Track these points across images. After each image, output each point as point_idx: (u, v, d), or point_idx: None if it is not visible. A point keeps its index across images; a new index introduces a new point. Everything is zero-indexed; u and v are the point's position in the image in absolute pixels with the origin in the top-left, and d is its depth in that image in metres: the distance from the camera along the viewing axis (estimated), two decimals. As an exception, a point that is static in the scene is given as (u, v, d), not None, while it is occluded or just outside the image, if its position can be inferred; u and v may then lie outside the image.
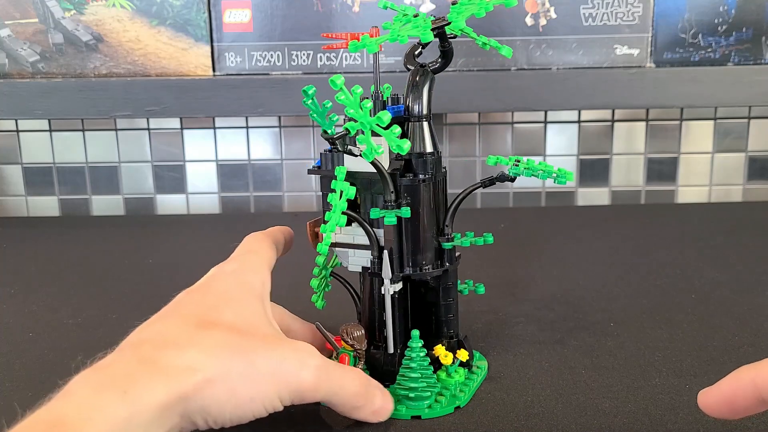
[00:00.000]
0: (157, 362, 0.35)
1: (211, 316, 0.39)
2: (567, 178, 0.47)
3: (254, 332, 0.39)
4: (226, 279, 0.43)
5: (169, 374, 0.34)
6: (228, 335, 0.38)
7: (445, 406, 0.46)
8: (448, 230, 0.49)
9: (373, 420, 0.43)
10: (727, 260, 0.74)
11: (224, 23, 0.86)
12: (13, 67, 0.87)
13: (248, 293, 0.42)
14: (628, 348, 0.54)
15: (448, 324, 0.50)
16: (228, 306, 0.40)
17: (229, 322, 0.39)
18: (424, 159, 0.47)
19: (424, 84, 0.48)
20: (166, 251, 0.83)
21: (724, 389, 0.35)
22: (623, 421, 0.44)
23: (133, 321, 0.39)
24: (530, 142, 0.99)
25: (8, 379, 0.51)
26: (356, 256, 0.48)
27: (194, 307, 0.40)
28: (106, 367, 0.35)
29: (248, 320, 0.40)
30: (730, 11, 0.85)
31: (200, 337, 0.37)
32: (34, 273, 0.75)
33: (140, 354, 0.35)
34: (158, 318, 0.40)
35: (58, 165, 1.00)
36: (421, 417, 0.45)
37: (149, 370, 0.34)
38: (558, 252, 0.78)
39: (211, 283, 0.43)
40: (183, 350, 0.36)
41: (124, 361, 0.35)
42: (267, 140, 0.99)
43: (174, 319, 0.39)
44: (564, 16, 0.85)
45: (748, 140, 0.99)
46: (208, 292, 0.42)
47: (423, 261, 0.48)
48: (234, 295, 0.41)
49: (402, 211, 0.46)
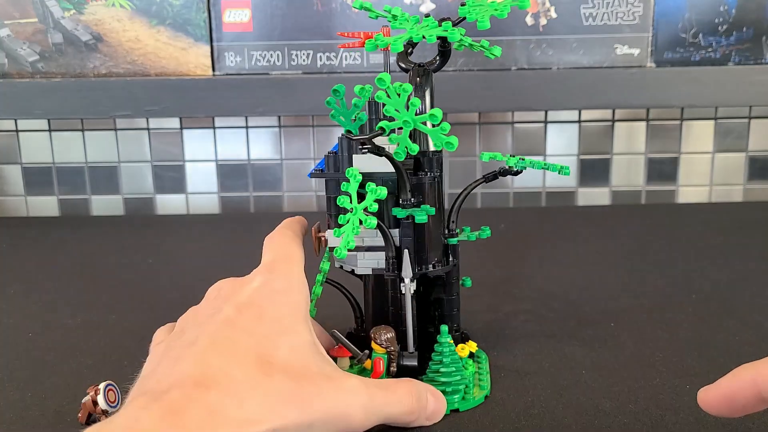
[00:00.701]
0: (224, 414, 0.35)
1: (268, 354, 0.40)
2: (566, 171, 0.49)
3: (307, 373, 0.40)
4: (275, 299, 0.43)
5: (234, 427, 0.35)
6: (285, 383, 0.38)
7: (476, 397, 0.47)
8: (453, 226, 0.50)
9: (428, 424, 0.44)
10: (727, 260, 0.74)
11: (224, 23, 0.86)
12: (13, 67, 0.87)
13: (298, 318, 0.43)
14: (628, 348, 0.54)
15: (452, 319, 0.51)
16: (282, 337, 0.41)
17: (285, 361, 0.40)
18: (429, 158, 0.48)
19: (426, 84, 0.48)
20: (166, 251, 0.83)
21: (724, 387, 0.35)
22: (623, 421, 0.44)
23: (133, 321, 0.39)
24: (530, 142, 0.99)
25: (8, 379, 0.51)
26: (366, 259, 0.48)
27: (251, 338, 0.40)
28: (173, 412, 0.35)
29: (301, 356, 0.41)
30: (731, 11, 0.85)
31: (261, 387, 0.38)
32: (34, 273, 0.75)
33: (207, 402, 0.36)
34: (214, 345, 0.39)
35: (57, 165, 1.00)
36: (459, 410, 0.46)
37: (216, 423, 0.35)
38: (558, 252, 0.78)
39: (262, 303, 0.42)
40: (247, 402, 0.37)
41: (191, 409, 0.35)
42: (267, 140, 0.99)
43: (233, 355, 0.39)
44: (564, 16, 0.85)
45: (749, 140, 0.99)
46: (261, 317, 0.42)
47: (435, 258, 0.49)
48: (286, 324, 0.42)
49: (427, 209, 0.46)
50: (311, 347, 0.42)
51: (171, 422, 0.34)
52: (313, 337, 0.43)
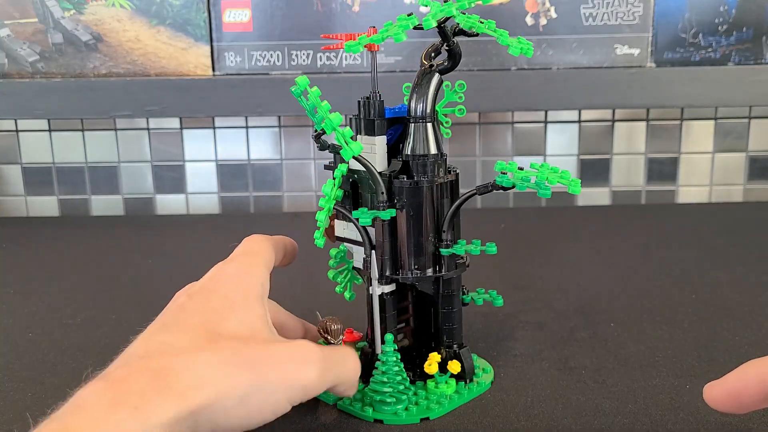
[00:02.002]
0: (167, 378, 0.35)
1: (216, 326, 0.39)
2: (573, 187, 0.43)
3: (257, 339, 0.40)
4: (227, 282, 0.43)
5: (180, 391, 0.35)
6: (235, 347, 0.38)
7: (412, 415, 0.45)
8: (446, 236, 0.47)
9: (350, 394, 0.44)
10: (727, 260, 0.74)
11: (224, 23, 0.86)
12: (13, 67, 0.87)
13: (249, 297, 0.42)
14: (628, 348, 0.54)
15: (448, 333, 0.48)
16: (232, 312, 0.41)
17: (234, 331, 0.39)
18: (424, 161, 0.46)
19: (428, 84, 0.47)
20: (166, 251, 0.83)
21: (730, 383, 0.35)
22: (623, 421, 0.44)
23: (133, 321, 0.39)
24: (530, 142, 0.99)
25: (8, 379, 0.51)
26: (358, 253, 0.48)
27: (199, 315, 0.40)
28: (117, 381, 0.35)
29: (251, 327, 0.41)
30: (731, 11, 0.85)
31: (208, 351, 0.37)
32: (34, 273, 0.75)
33: (150, 369, 0.35)
34: (164, 326, 0.40)
35: (57, 165, 1.00)
36: (383, 422, 0.45)
37: (160, 386, 0.34)
38: (558, 252, 0.78)
39: (213, 286, 0.43)
40: (192, 366, 0.36)
41: (134, 376, 0.35)
42: (267, 140, 0.99)
43: (181, 329, 0.39)
44: (564, 16, 0.85)
45: (749, 140, 0.99)
46: (210, 296, 0.42)
47: (416, 266, 0.47)
48: (236, 300, 0.42)
49: (382, 213, 0.45)
50: (263, 320, 0.41)
51: (114, 391, 0.34)
52: (266, 313, 0.42)
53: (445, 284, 0.48)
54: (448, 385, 0.47)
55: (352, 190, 0.48)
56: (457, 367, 0.47)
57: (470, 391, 0.48)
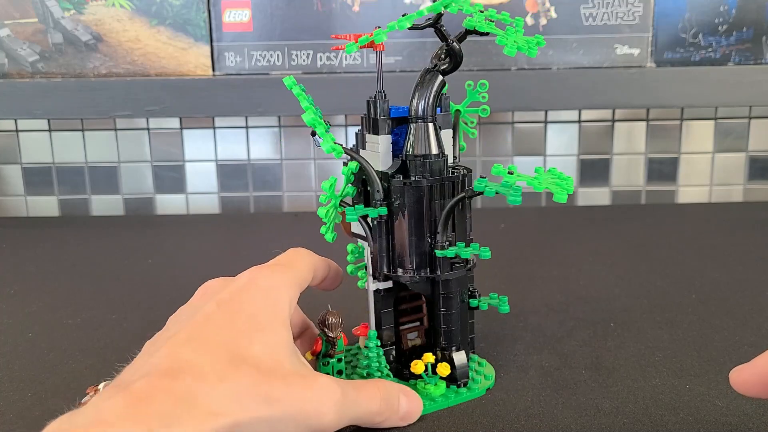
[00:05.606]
0: (188, 404, 0.35)
1: (240, 348, 0.39)
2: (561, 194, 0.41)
3: (278, 373, 0.40)
4: (256, 296, 0.43)
5: (200, 418, 0.35)
6: (255, 380, 0.38)
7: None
8: (441, 237, 0.46)
9: (402, 424, 0.44)
10: (727, 260, 0.74)
11: (224, 23, 0.86)
12: (13, 67, 0.87)
13: (276, 320, 0.42)
14: (628, 348, 0.54)
15: (445, 335, 0.48)
16: (257, 335, 0.41)
17: (257, 357, 0.40)
18: (423, 161, 0.46)
19: (430, 84, 0.47)
20: (165, 251, 0.83)
21: (760, 367, 0.34)
22: (623, 421, 0.44)
23: (132, 321, 0.39)
24: (530, 142, 0.99)
25: (8, 379, 0.51)
26: (366, 249, 0.49)
27: (225, 333, 0.40)
28: (139, 399, 0.35)
29: (274, 355, 0.40)
30: (731, 11, 0.85)
31: (230, 382, 0.37)
32: (34, 273, 0.75)
33: (174, 393, 0.36)
34: (189, 339, 0.39)
35: (57, 165, 1.00)
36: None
37: (181, 412, 0.35)
38: (558, 252, 0.78)
39: (242, 299, 0.43)
40: (213, 393, 0.36)
41: (158, 397, 0.35)
42: (267, 140, 0.99)
43: (205, 348, 0.39)
44: (564, 16, 0.85)
45: (749, 140, 0.99)
46: (239, 313, 0.42)
47: (408, 265, 0.47)
48: (263, 321, 0.42)
49: (371, 210, 0.45)
50: (286, 347, 0.41)
51: (135, 410, 0.34)
52: (290, 337, 0.42)
53: (443, 286, 0.47)
54: (437, 386, 0.47)
55: (363, 187, 0.48)
56: (446, 369, 0.47)
57: (459, 395, 0.47)
